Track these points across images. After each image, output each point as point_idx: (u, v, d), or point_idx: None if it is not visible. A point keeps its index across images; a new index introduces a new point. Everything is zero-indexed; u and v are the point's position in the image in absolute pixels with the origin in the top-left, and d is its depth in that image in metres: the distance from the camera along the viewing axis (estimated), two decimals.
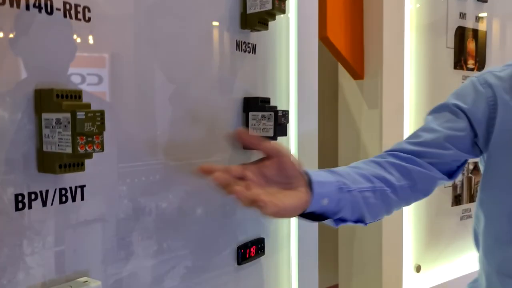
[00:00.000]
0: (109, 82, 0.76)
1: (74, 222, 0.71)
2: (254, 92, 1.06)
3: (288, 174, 0.71)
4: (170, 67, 0.87)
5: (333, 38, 1.49)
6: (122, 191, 0.78)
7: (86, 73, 0.72)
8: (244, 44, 1.03)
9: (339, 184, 0.76)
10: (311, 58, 1.25)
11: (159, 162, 0.84)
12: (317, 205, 0.72)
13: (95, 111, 0.62)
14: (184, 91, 0.90)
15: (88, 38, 0.72)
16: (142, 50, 0.81)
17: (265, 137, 0.98)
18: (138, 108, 0.81)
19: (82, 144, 0.60)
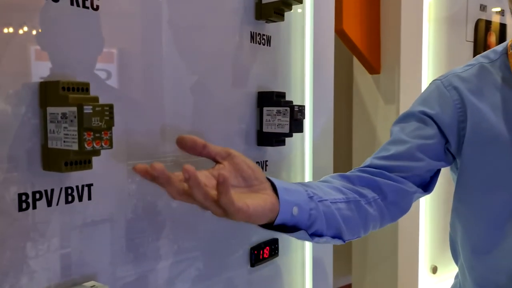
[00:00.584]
0: (118, 76, 0.72)
1: (81, 222, 0.67)
2: (269, 86, 1.01)
3: (246, 174, 0.62)
4: (181, 60, 0.83)
5: (348, 30, 1.44)
6: (132, 190, 0.74)
7: (98, 67, 0.68)
8: (259, 36, 0.98)
9: (308, 193, 0.69)
10: (327, 51, 1.20)
11: (170, 159, 0.80)
12: (287, 215, 0.64)
13: (104, 105, 0.57)
14: (195, 86, 0.86)
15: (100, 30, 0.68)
16: (152, 44, 0.77)
17: (280, 133, 0.94)
18: (147, 102, 0.76)
19: (90, 140, 0.56)
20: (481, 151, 0.84)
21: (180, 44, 0.82)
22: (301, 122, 0.95)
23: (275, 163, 1.04)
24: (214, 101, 0.89)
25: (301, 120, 0.94)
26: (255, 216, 0.58)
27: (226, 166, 0.62)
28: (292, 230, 0.66)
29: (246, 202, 0.57)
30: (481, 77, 0.86)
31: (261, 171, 0.64)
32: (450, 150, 0.88)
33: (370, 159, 0.88)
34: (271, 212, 0.61)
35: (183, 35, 0.82)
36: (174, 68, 0.81)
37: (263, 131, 0.97)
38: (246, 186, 0.63)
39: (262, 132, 0.97)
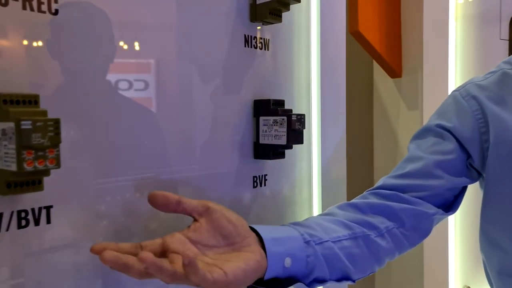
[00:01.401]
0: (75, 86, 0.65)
1: (38, 249, 0.60)
2: (267, 94, 0.93)
3: (226, 232, 0.57)
4: (168, 68, 0.76)
5: (365, 32, 1.34)
6: (100, 211, 0.67)
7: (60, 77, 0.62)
8: (254, 40, 0.90)
9: (305, 238, 0.62)
10: (337, 55, 1.10)
11: (149, 175, 0.73)
12: (278, 268, 0.58)
13: (47, 119, 0.51)
14: (184, 95, 0.78)
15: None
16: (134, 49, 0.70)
17: (278, 145, 0.86)
18: (124, 113, 0.69)
19: (30, 160, 0.50)
20: (507, 163, 0.74)
21: (167, 51, 0.75)
22: (301, 132, 0.86)
23: (276, 177, 0.95)
24: (205, 111, 0.82)
25: (301, 130, 0.85)
26: (236, 283, 0.53)
27: (203, 225, 0.57)
28: (287, 283, 0.60)
29: (224, 269, 0.52)
30: (503, 85, 0.77)
31: (244, 224, 0.59)
32: (473, 165, 0.79)
33: (383, 179, 0.81)
34: (255, 273, 0.56)
35: (170, 42, 0.75)
36: (159, 75, 0.74)
37: (259, 143, 0.89)
38: (227, 245, 0.57)
39: (259, 144, 0.89)
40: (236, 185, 0.87)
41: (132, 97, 0.71)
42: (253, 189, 0.91)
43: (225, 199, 0.85)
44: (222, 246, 0.57)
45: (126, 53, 0.70)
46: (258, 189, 0.92)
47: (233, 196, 0.87)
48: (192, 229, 0.58)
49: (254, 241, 0.58)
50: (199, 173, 0.81)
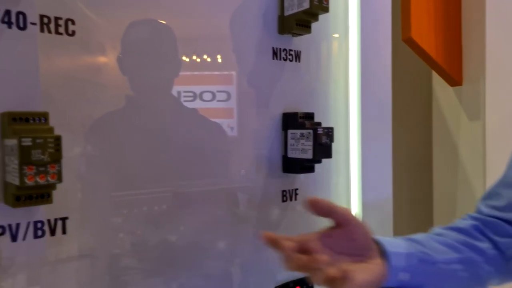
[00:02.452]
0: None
1: (53, 258, 0.63)
2: (298, 106, 0.91)
3: (358, 244, 0.61)
4: (195, 85, 0.77)
5: (419, 38, 1.26)
6: (117, 224, 0.69)
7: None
8: (284, 52, 0.89)
9: (420, 256, 0.64)
10: (381, 65, 1.05)
11: (168, 189, 0.74)
12: (394, 281, 0.62)
13: (47, 136, 0.53)
14: (210, 110, 0.79)
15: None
16: (163, 61, 0.72)
17: (305, 159, 0.83)
18: (137, 126, 0.71)
19: (31, 175, 0.53)
20: None
21: (193, 68, 0.76)
22: (328, 146, 0.83)
23: (308, 192, 0.92)
24: (231, 123, 0.82)
25: (328, 144, 0.82)
26: None
27: (339, 233, 0.61)
28: None
29: (363, 280, 0.57)
30: None
31: (372, 237, 0.63)
32: None
33: (479, 206, 0.75)
34: (377, 284, 0.60)
35: (198, 64, 0.77)
36: (186, 91, 0.76)
37: (288, 157, 0.87)
38: (355, 255, 0.61)
39: (287, 158, 0.87)
40: (264, 199, 0.86)
41: (156, 110, 0.73)
42: (283, 203, 0.89)
43: (252, 213, 0.84)
44: (350, 255, 0.60)
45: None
46: (288, 204, 0.89)
47: (261, 210, 0.86)
48: (328, 234, 0.61)
49: (377, 254, 0.62)
50: (225, 186, 0.81)
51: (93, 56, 0.66)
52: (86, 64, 0.65)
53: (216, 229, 0.80)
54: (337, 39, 0.98)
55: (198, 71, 0.78)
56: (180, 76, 0.76)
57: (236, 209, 0.82)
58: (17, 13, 0.59)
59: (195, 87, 0.78)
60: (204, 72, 0.79)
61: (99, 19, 0.66)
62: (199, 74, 0.78)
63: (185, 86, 0.77)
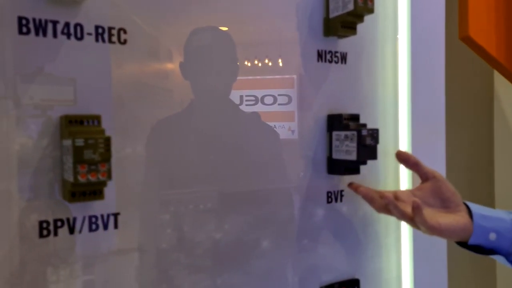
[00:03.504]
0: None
1: (106, 251, 0.68)
2: (344, 108, 0.91)
3: (444, 197, 0.72)
4: (243, 87, 0.80)
5: (478, 36, 1.22)
6: (165, 220, 0.73)
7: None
8: (329, 54, 0.89)
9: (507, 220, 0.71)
10: (434, 65, 1.03)
11: (212, 189, 0.77)
12: (482, 239, 0.69)
13: (98, 137, 0.58)
14: (251, 109, 0.82)
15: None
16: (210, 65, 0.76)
17: (350, 161, 0.83)
18: (197, 128, 0.75)
19: (84, 173, 0.57)
20: None
21: (240, 70, 0.80)
22: (373, 148, 0.82)
23: (354, 194, 0.92)
24: (281, 127, 0.84)
25: (373, 146, 0.82)
26: (447, 232, 0.67)
27: (428, 187, 0.74)
28: (489, 252, 0.71)
29: (438, 221, 0.66)
30: None
31: (459, 197, 0.73)
32: None
33: None
34: (463, 232, 0.68)
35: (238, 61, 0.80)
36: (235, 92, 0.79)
37: (332, 158, 0.87)
38: (443, 207, 0.72)
39: (332, 159, 0.87)
40: (308, 200, 0.87)
41: (210, 113, 0.77)
42: (327, 205, 0.89)
43: (296, 213, 0.86)
44: (438, 207, 0.72)
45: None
46: (333, 205, 0.90)
47: (305, 210, 0.87)
48: (418, 188, 0.75)
49: (465, 211, 0.71)
50: (271, 187, 0.83)
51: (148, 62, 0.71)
52: (148, 70, 0.70)
53: (260, 229, 0.82)
54: (385, 40, 0.97)
55: (250, 75, 0.81)
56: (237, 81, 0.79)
57: (281, 210, 0.84)
58: (75, 24, 0.65)
59: (256, 91, 0.81)
60: (256, 77, 0.82)
61: (149, 27, 0.71)
62: (249, 79, 0.81)
63: (242, 90, 0.80)
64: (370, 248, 0.95)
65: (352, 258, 0.93)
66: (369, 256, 0.95)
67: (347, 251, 0.92)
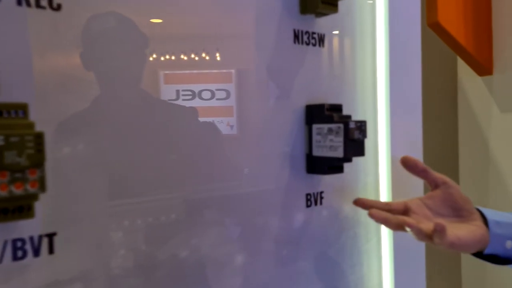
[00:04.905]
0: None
1: (39, 284, 0.52)
2: (322, 97, 0.79)
3: (457, 205, 0.66)
4: (204, 69, 0.66)
5: (446, 23, 1.15)
6: (117, 238, 0.57)
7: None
8: (306, 35, 0.77)
9: None
10: (411, 51, 0.94)
11: (177, 195, 0.62)
12: (499, 248, 0.64)
13: (25, 133, 0.42)
14: (222, 100, 0.68)
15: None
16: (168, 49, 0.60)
17: (334, 158, 0.72)
18: (141, 122, 0.60)
19: (4, 183, 0.41)
20: None
21: (203, 50, 0.65)
22: (361, 142, 0.71)
23: (334, 195, 0.81)
24: (248, 118, 0.70)
25: (361, 140, 0.71)
26: (464, 247, 0.61)
27: (439, 195, 0.67)
28: (505, 262, 0.66)
29: (457, 235, 0.60)
30: None
31: (472, 203, 0.67)
32: None
33: None
34: (480, 243, 0.62)
35: (207, 40, 0.65)
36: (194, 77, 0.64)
37: (312, 155, 0.75)
38: (455, 216, 0.66)
39: (312, 157, 0.75)
40: (285, 204, 0.75)
41: (162, 107, 0.61)
42: (307, 209, 0.77)
43: (273, 221, 0.73)
44: (450, 216, 0.66)
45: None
46: (313, 209, 0.78)
47: (283, 216, 0.74)
48: (428, 196, 0.68)
49: (479, 219, 0.64)
50: (242, 190, 0.70)
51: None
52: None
53: (233, 241, 0.68)
54: (362, 21, 0.87)
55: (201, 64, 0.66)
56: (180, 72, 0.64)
57: (255, 217, 0.71)
58: None
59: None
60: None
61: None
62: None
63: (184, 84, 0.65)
64: (352, 255, 0.85)
65: (334, 268, 0.81)
66: (351, 264, 0.84)
67: (329, 261, 0.80)
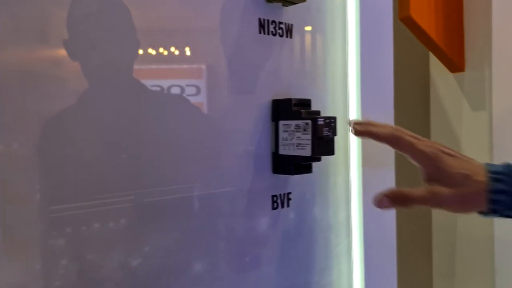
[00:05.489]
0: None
1: None
2: (290, 92, 0.74)
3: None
4: (157, 60, 0.60)
5: (418, 17, 1.12)
6: (59, 247, 0.51)
7: None
8: (273, 25, 0.72)
9: None
10: (382, 45, 0.90)
11: (127, 199, 0.57)
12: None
13: None
14: (175, 93, 0.62)
15: None
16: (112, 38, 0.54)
17: (302, 157, 0.67)
18: (86, 115, 0.54)
19: None
20: None
21: (158, 40, 0.59)
22: (330, 140, 0.67)
23: (302, 196, 0.77)
24: (207, 114, 0.65)
25: (330, 138, 0.66)
26: None
27: None
28: None
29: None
30: None
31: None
32: None
33: None
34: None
35: (162, 28, 0.60)
36: (145, 70, 0.58)
37: (279, 154, 0.71)
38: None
39: (278, 155, 0.71)
40: (249, 206, 0.70)
41: (109, 96, 0.56)
42: (273, 211, 0.73)
43: (235, 225, 0.68)
44: None
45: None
46: (279, 211, 0.73)
47: (246, 220, 0.69)
48: None
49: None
50: (201, 192, 0.64)
51: None
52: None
53: (190, 248, 0.63)
54: (333, 12, 0.83)
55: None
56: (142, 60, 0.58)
57: (216, 221, 0.66)
58: None
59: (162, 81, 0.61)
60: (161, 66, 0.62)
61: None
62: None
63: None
64: (321, 259, 0.80)
65: (301, 274, 0.77)
66: (320, 270, 0.80)
67: (296, 266, 0.76)
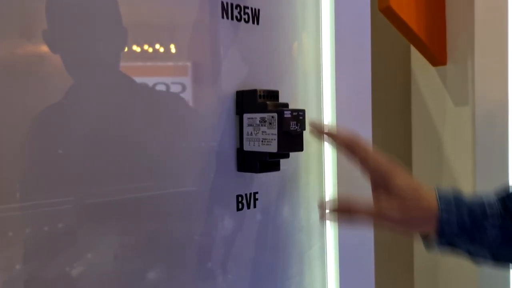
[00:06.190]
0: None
1: None
2: (256, 83, 0.69)
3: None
4: (113, 47, 0.54)
5: (399, 8, 1.07)
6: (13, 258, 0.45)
7: None
8: (237, 9, 0.66)
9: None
10: (359, 36, 0.85)
11: (65, 200, 0.50)
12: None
13: None
14: (135, 85, 0.56)
15: None
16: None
17: (268, 153, 0.61)
18: (26, 107, 0.47)
19: None
20: None
21: (107, 23, 0.53)
22: (299, 135, 0.61)
23: (270, 196, 0.71)
24: (165, 106, 0.59)
25: (298, 132, 0.61)
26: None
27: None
28: None
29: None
30: None
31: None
32: None
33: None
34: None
35: (112, 11, 0.53)
36: (100, 59, 0.52)
37: (243, 150, 0.65)
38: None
39: (243, 152, 0.65)
40: (212, 207, 0.64)
41: (51, 90, 0.49)
42: (238, 213, 0.67)
43: (195, 228, 0.62)
44: None
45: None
46: (245, 212, 0.68)
47: (208, 222, 0.63)
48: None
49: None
50: (158, 192, 0.58)
51: None
52: None
53: (143, 254, 0.57)
54: (306, 1, 0.77)
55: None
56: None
57: (174, 224, 0.60)
58: None
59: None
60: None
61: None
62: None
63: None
64: (292, 264, 0.75)
65: (270, 280, 0.71)
66: (290, 275, 0.74)
67: (265, 272, 0.70)
